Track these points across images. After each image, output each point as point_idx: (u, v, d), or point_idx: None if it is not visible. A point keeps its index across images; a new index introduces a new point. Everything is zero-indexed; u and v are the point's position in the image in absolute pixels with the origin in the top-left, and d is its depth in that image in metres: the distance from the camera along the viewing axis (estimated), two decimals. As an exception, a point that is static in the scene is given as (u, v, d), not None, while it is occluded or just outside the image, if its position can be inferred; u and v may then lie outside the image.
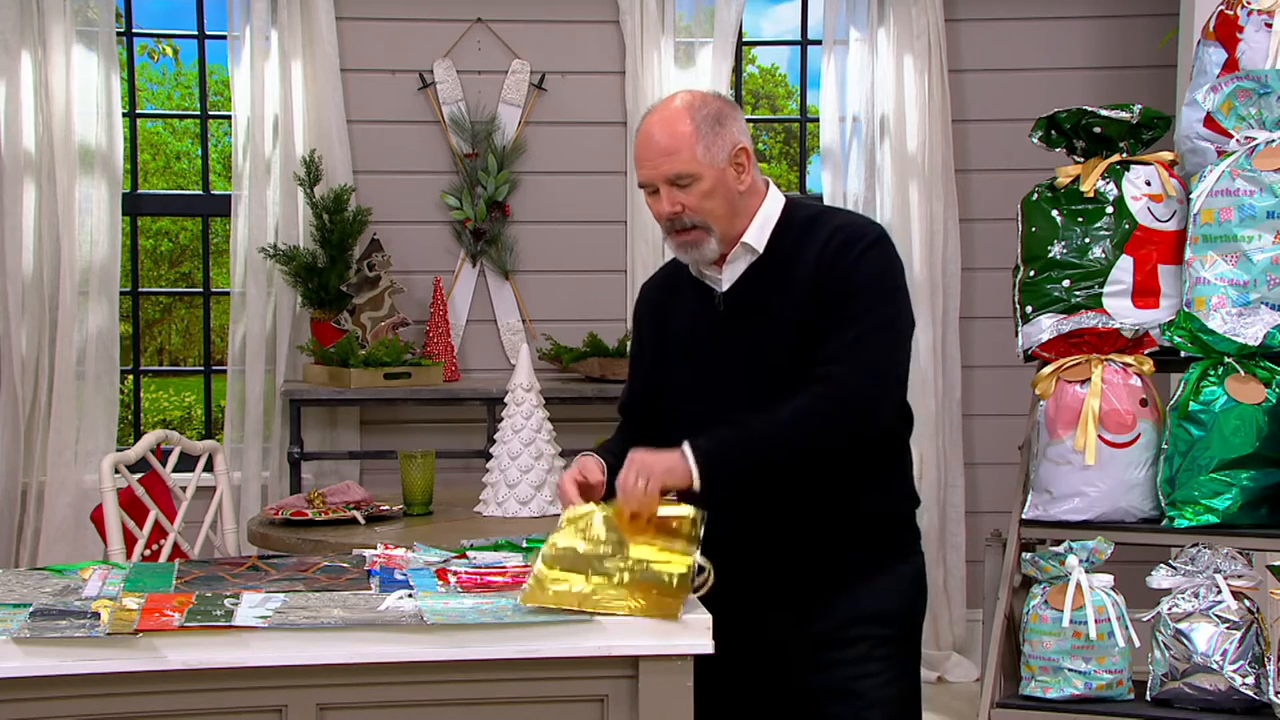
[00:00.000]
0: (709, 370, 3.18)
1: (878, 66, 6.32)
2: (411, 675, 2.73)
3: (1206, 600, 3.50)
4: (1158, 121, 3.85)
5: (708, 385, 3.18)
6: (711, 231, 3.11)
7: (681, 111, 3.10)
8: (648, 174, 3.10)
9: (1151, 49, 6.22)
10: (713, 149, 3.08)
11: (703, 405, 3.16)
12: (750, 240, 3.15)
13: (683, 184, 3.08)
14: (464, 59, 6.33)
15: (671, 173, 3.07)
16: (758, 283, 3.16)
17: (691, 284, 3.25)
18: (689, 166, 3.07)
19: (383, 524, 4.36)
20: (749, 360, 3.13)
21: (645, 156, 3.10)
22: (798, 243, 3.14)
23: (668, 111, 3.12)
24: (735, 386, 3.13)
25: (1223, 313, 3.61)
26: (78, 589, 2.98)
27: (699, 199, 3.08)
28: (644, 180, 3.12)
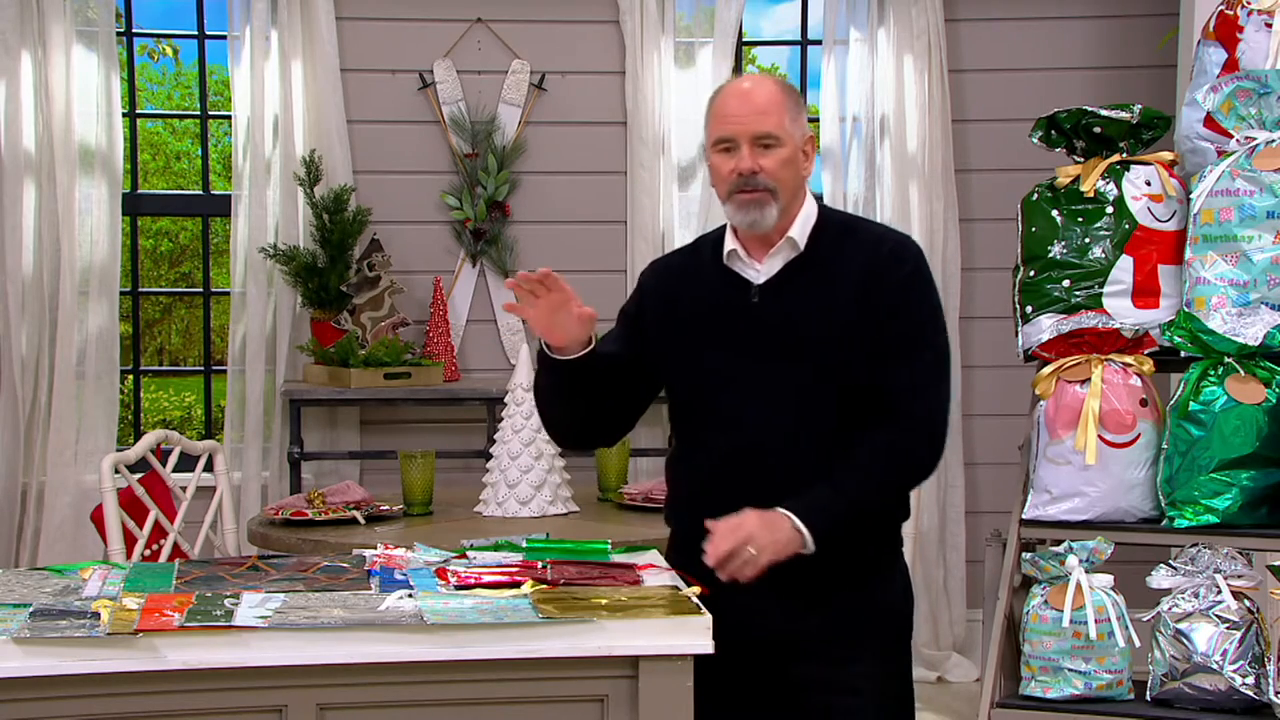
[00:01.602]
0: (738, 359, 3.19)
1: (878, 66, 6.32)
2: (411, 675, 2.73)
3: (1206, 600, 3.51)
4: (1158, 121, 3.85)
5: (736, 373, 3.19)
6: (777, 199, 3.16)
7: (774, 81, 3.23)
8: (733, 128, 3.15)
9: (1151, 49, 6.22)
10: (796, 125, 3.19)
11: (731, 394, 3.18)
12: (794, 235, 3.20)
13: (767, 144, 3.15)
14: (464, 59, 6.33)
15: (761, 131, 3.15)
16: (796, 279, 3.20)
17: (719, 271, 3.27)
18: (777, 129, 3.15)
19: (383, 524, 4.36)
20: (782, 354, 3.16)
21: (734, 112, 3.16)
22: (837, 246, 3.21)
23: (761, 79, 3.23)
24: (764, 378, 3.16)
25: (1223, 313, 3.61)
26: (78, 589, 2.98)
27: (777, 165, 3.15)
28: (728, 134, 3.16)
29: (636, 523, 4.38)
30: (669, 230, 6.36)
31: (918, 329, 3.17)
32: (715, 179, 3.22)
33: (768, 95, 3.17)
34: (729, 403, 3.18)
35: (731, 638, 2.91)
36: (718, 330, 3.22)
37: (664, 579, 3.10)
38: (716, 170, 3.20)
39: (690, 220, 6.35)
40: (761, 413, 3.15)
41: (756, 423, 3.15)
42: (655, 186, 6.33)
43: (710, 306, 3.24)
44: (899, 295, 3.16)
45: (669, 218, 6.37)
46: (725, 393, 3.19)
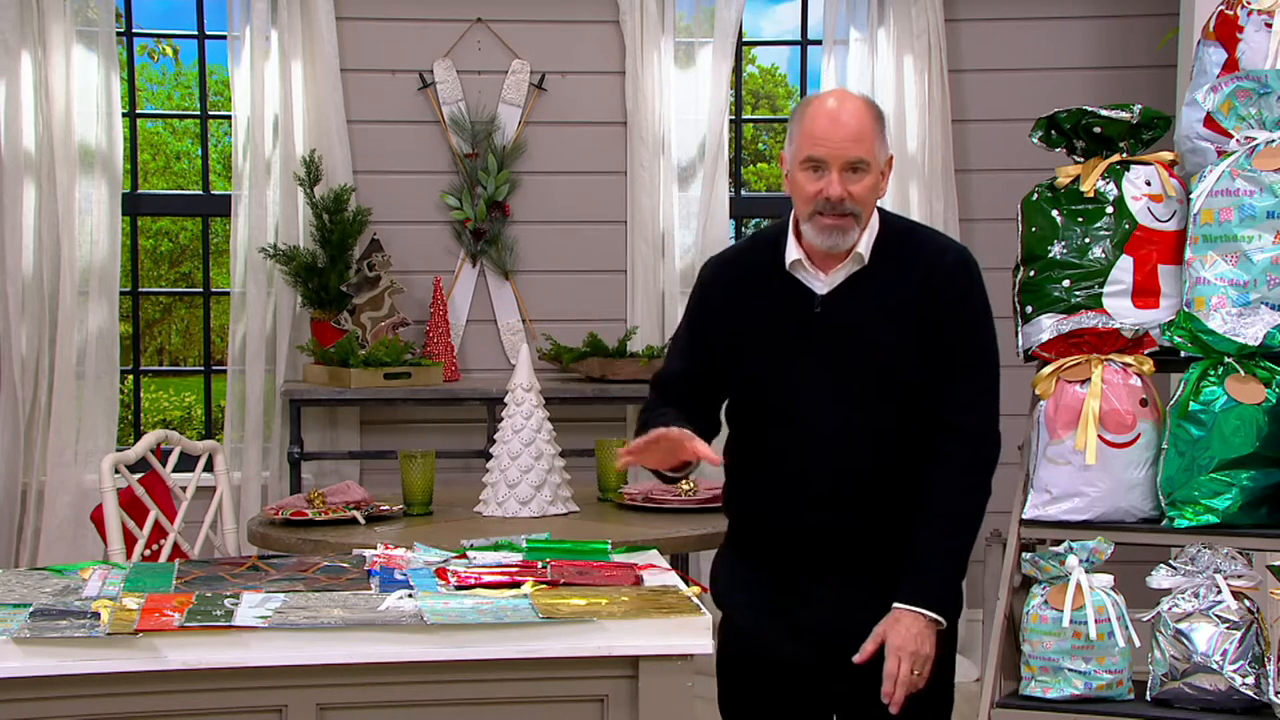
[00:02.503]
0: (797, 369, 3.24)
1: (878, 66, 6.33)
2: (411, 675, 2.75)
3: (1206, 600, 3.50)
4: (1158, 121, 3.85)
5: (799, 378, 3.24)
6: (859, 223, 3.21)
7: (865, 105, 3.24)
8: (827, 152, 3.16)
9: (1151, 49, 6.23)
10: (882, 148, 3.23)
11: (793, 396, 3.24)
12: (861, 250, 3.24)
13: (857, 171, 3.18)
14: (464, 59, 6.34)
15: (854, 157, 3.17)
16: (858, 291, 3.25)
17: (779, 278, 3.29)
18: (868, 155, 3.18)
19: (383, 524, 4.36)
20: (843, 361, 3.22)
21: (829, 136, 3.17)
22: (898, 255, 3.27)
23: (852, 100, 3.24)
24: (824, 389, 3.22)
25: (1223, 313, 3.61)
26: (78, 589, 2.99)
27: (864, 190, 3.19)
28: (820, 157, 3.17)
29: (637, 523, 4.39)
30: (669, 230, 6.37)
31: (977, 345, 3.32)
32: (796, 195, 3.23)
33: (860, 120, 3.19)
34: (790, 404, 3.24)
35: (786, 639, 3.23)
36: (780, 336, 3.26)
37: (664, 579, 3.12)
38: (800, 187, 3.21)
39: (690, 220, 6.37)
40: (822, 415, 3.22)
41: (817, 424, 3.22)
42: (655, 186, 6.34)
43: (773, 312, 3.28)
44: (960, 311, 3.28)
45: (669, 218, 6.38)
46: (787, 395, 3.24)
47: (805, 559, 3.27)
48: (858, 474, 3.21)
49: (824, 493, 3.21)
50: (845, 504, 3.22)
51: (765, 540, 3.31)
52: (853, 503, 3.22)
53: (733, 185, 6.60)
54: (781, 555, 3.29)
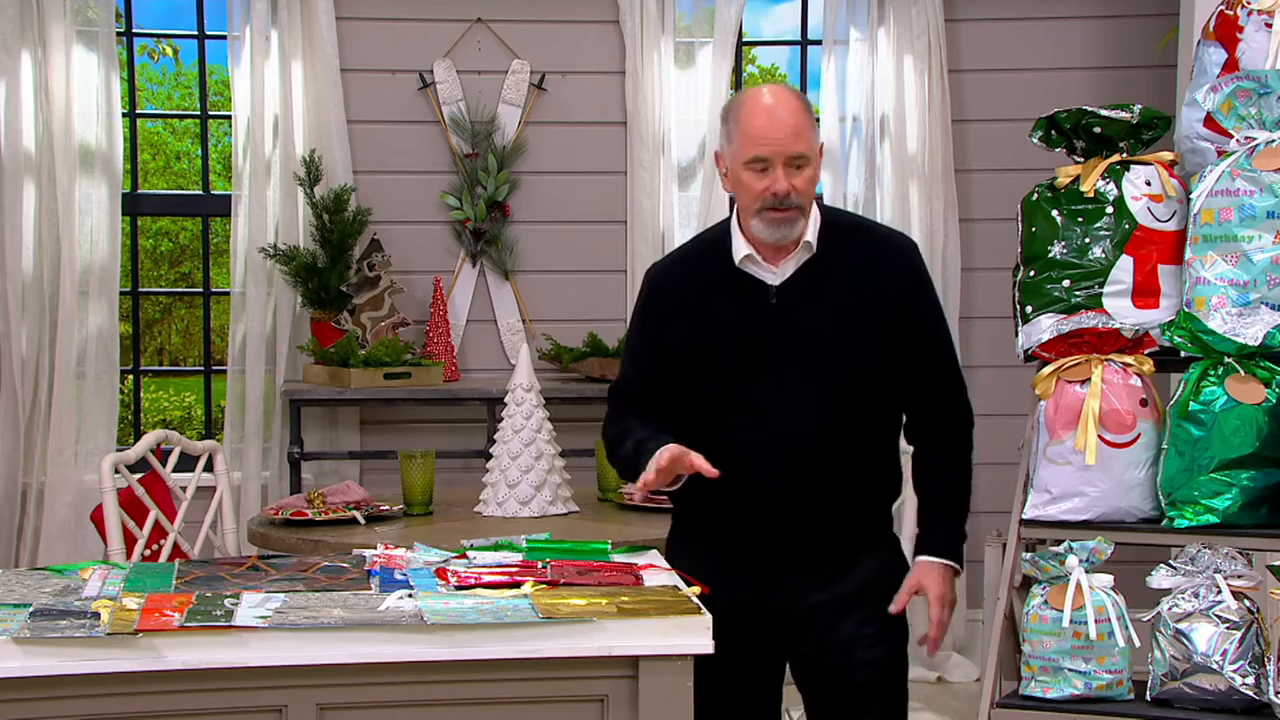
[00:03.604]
0: (761, 358, 3.32)
1: (878, 67, 6.34)
2: (412, 675, 2.75)
3: (1206, 600, 3.50)
4: (1158, 121, 3.85)
5: (765, 372, 3.32)
6: (805, 213, 3.30)
7: (797, 98, 3.32)
8: (770, 149, 3.23)
9: (1151, 49, 6.23)
10: (816, 140, 3.31)
11: (762, 391, 3.32)
12: (809, 238, 3.33)
13: (798, 165, 3.26)
14: (464, 59, 6.35)
15: (795, 152, 3.25)
16: (810, 280, 3.34)
17: (731, 275, 3.36)
18: (807, 149, 3.27)
19: (383, 524, 4.37)
20: (802, 352, 3.31)
21: (770, 133, 3.24)
22: (844, 245, 3.38)
23: (785, 95, 3.31)
24: (792, 374, 3.31)
25: (1223, 313, 3.61)
26: (78, 589, 2.99)
27: (805, 183, 3.27)
28: (764, 155, 3.24)
29: (637, 523, 4.39)
30: (669, 230, 6.38)
31: (936, 329, 3.48)
32: (742, 193, 3.30)
33: (796, 114, 3.27)
34: (753, 399, 3.32)
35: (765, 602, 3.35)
36: (738, 331, 3.33)
37: (664, 579, 3.12)
38: (746, 187, 3.27)
39: (690, 220, 6.37)
40: (786, 408, 3.31)
41: (781, 417, 3.31)
42: (655, 186, 6.35)
43: (729, 308, 3.35)
44: (916, 298, 3.43)
45: (669, 218, 6.39)
46: (750, 390, 3.32)
47: (770, 549, 3.36)
48: (821, 459, 3.32)
49: (787, 480, 3.31)
50: (809, 490, 3.32)
51: (729, 531, 3.38)
52: (816, 488, 3.33)
53: (733, 185, 6.59)
54: (746, 545, 3.37)
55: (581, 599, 2.90)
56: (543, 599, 2.89)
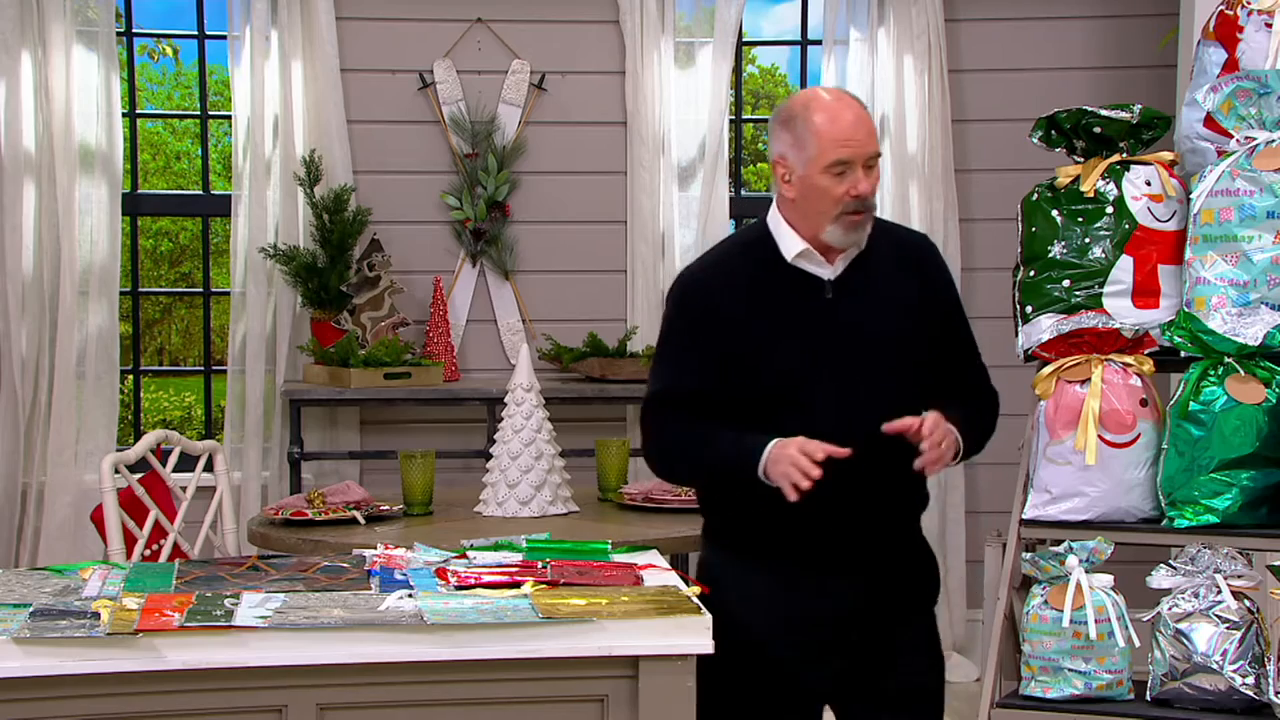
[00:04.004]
0: (817, 354, 3.25)
1: (878, 67, 6.34)
2: (412, 675, 2.75)
3: (1206, 600, 3.51)
4: (1158, 121, 3.86)
5: (818, 367, 3.25)
6: (873, 214, 3.28)
7: (856, 97, 3.29)
8: (852, 151, 3.19)
9: (1151, 49, 6.23)
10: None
11: (818, 389, 3.25)
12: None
13: (871, 166, 3.22)
14: (464, 59, 6.35)
15: (873, 152, 3.24)
16: (860, 276, 3.31)
17: (781, 272, 3.29)
18: (879, 150, 3.26)
19: (383, 524, 4.37)
20: (862, 346, 3.27)
21: (854, 134, 3.19)
22: (881, 243, 3.33)
23: (849, 95, 3.29)
24: (849, 370, 3.25)
25: (1223, 313, 3.62)
26: (78, 589, 2.99)
27: (877, 181, 3.25)
28: (848, 157, 3.18)
29: (637, 523, 4.39)
30: (669, 230, 6.38)
31: (967, 325, 3.48)
32: (818, 198, 3.21)
33: (867, 113, 3.26)
34: (811, 396, 3.24)
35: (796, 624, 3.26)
36: (793, 327, 3.25)
37: (664, 579, 3.12)
38: (824, 191, 3.20)
39: (690, 220, 6.38)
40: (843, 401, 3.24)
41: (839, 411, 3.23)
42: (655, 186, 6.35)
43: (782, 306, 3.27)
44: (950, 292, 3.44)
45: (669, 218, 6.39)
46: (806, 386, 3.24)
47: (822, 553, 3.28)
48: (877, 457, 3.22)
49: (844, 479, 3.20)
50: (864, 489, 3.26)
51: (778, 537, 3.29)
52: (872, 487, 3.27)
53: (733, 185, 6.61)
54: (795, 551, 3.29)
55: (581, 599, 2.90)
56: (543, 599, 2.89)
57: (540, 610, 2.82)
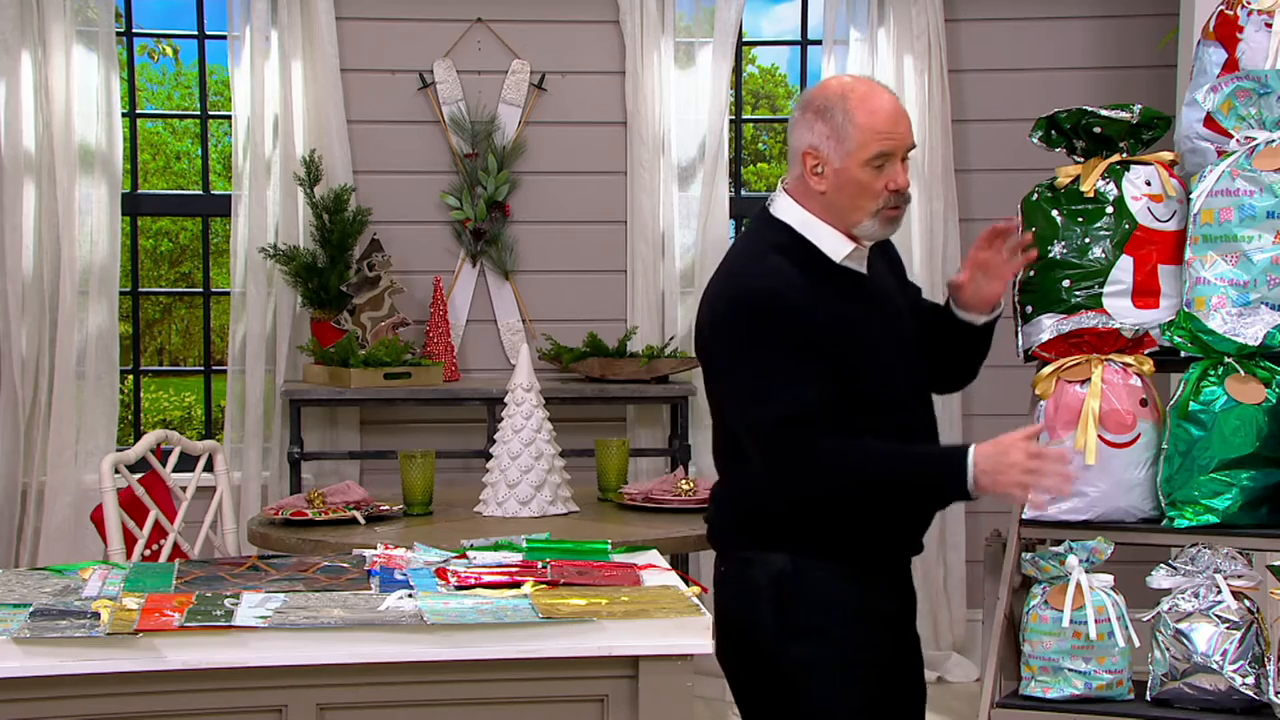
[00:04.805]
0: (893, 350, 3.25)
1: (878, 66, 6.34)
2: (411, 675, 2.75)
3: (1206, 600, 3.52)
4: (1158, 121, 3.86)
5: (899, 363, 3.26)
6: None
7: (892, 91, 3.27)
8: (894, 143, 3.15)
9: (1152, 49, 6.24)
10: None
11: (902, 382, 3.26)
12: None
13: (906, 158, 3.20)
14: (464, 59, 6.36)
15: (913, 144, 3.23)
16: (874, 267, 3.29)
17: (831, 273, 3.19)
18: (915, 142, 3.25)
19: (383, 524, 4.37)
20: (902, 337, 3.28)
21: (896, 126, 3.16)
22: None
23: (888, 88, 3.26)
24: (909, 359, 3.28)
25: (1223, 313, 3.62)
26: (78, 589, 3.00)
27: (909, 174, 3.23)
28: (891, 149, 3.15)
29: (637, 523, 4.39)
30: (669, 230, 6.39)
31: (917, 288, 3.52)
32: (855, 193, 3.15)
33: (902, 104, 3.24)
34: (898, 394, 3.24)
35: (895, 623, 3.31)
36: (864, 328, 3.21)
37: (664, 579, 3.13)
38: (864, 185, 3.14)
39: (690, 220, 6.38)
40: (916, 395, 3.30)
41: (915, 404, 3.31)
42: (655, 186, 6.35)
43: (846, 307, 3.19)
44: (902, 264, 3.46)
45: (669, 218, 6.39)
46: (892, 385, 3.23)
47: (911, 545, 3.34)
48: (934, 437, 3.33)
49: None
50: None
51: (884, 536, 3.28)
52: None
53: (733, 185, 6.61)
54: (892, 551, 3.31)
55: (581, 599, 2.90)
56: (543, 599, 2.89)
57: (540, 610, 2.82)
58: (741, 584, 3.24)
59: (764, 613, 3.19)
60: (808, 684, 3.19)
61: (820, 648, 3.19)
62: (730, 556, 3.29)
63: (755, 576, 3.21)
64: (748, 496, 3.26)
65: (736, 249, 3.35)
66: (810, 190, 3.19)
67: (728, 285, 3.20)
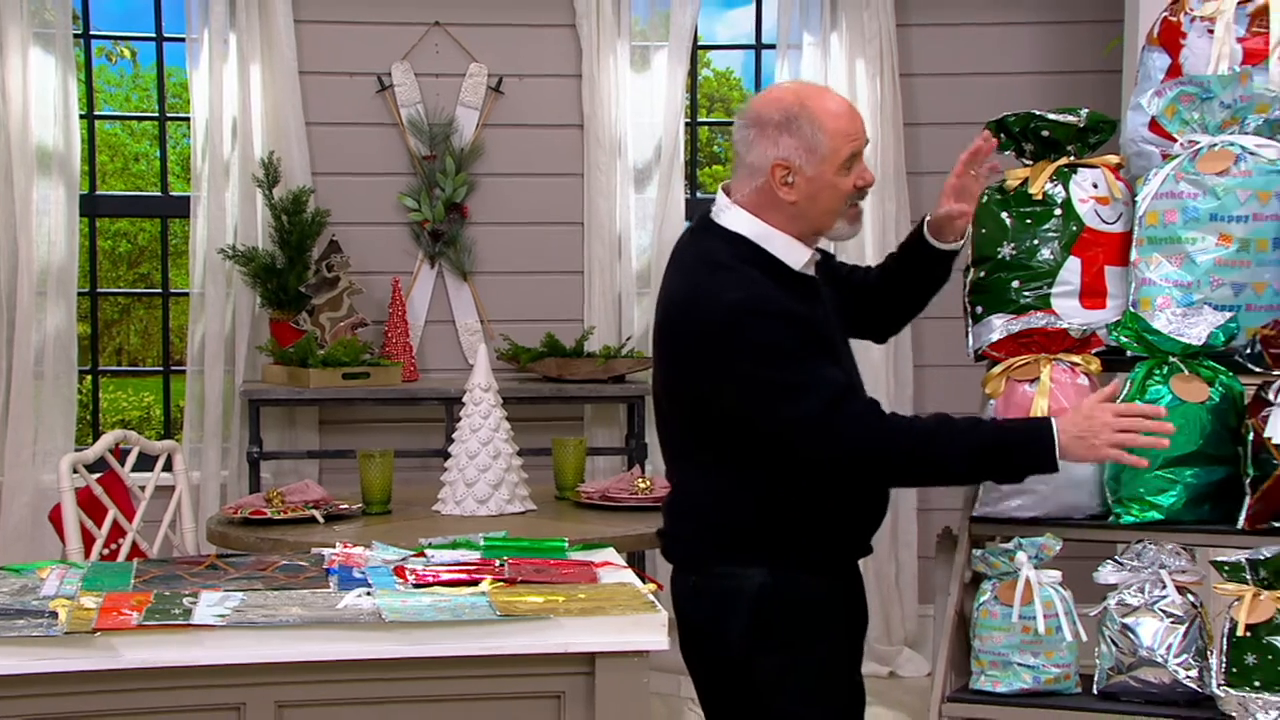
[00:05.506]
0: (845, 351, 3.34)
1: (830, 70, 6.38)
2: (369, 673, 2.74)
3: (1151, 595, 3.53)
4: (1104, 125, 3.87)
5: (852, 364, 3.35)
6: None
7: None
8: (862, 140, 3.23)
9: (1097, 54, 6.30)
10: None
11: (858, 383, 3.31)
12: None
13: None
14: (422, 62, 6.37)
15: (868, 138, 3.28)
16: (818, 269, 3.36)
17: (791, 280, 3.23)
18: None
19: (341, 523, 4.38)
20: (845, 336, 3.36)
21: (856, 124, 3.22)
22: None
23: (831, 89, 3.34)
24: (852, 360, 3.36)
25: (1167, 313, 3.63)
26: (35, 588, 2.97)
27: None
28: (859, 148, 3.22)
29: (593, 520, 4.41)
30: (625, 231, 6.41)
31: None
32: (828, 197, 3.19)
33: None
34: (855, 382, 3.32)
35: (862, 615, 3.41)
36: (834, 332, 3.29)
37: (620, 576, 3.13)
38: (836, 187, 3.19)
39: (646, 222, 6.42)
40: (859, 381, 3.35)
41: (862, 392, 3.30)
42: (612, 188, 6.38)
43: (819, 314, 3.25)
44: None
45: (625, 219, 6.42)
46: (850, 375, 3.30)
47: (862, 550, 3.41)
48: None
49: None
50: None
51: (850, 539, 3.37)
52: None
53: (688, 187, 6.64)
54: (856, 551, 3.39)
55: (539, 596, 2.90)
56: (500, 596, 2.89)
57: (498, 608, 2.81)
58: (718, 598, 3.25)
59: (741, 625, 3.22)
60: (780, 694, 3.24)
61: (795, 657, 3.24)
62: (701, 571, 3.29)
63: (734, 591, 3.23)
64: (717, 508, 3.27)
65: (694, 260, 3.28)
66: (776, 202, 3.20)
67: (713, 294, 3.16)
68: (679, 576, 3.35)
